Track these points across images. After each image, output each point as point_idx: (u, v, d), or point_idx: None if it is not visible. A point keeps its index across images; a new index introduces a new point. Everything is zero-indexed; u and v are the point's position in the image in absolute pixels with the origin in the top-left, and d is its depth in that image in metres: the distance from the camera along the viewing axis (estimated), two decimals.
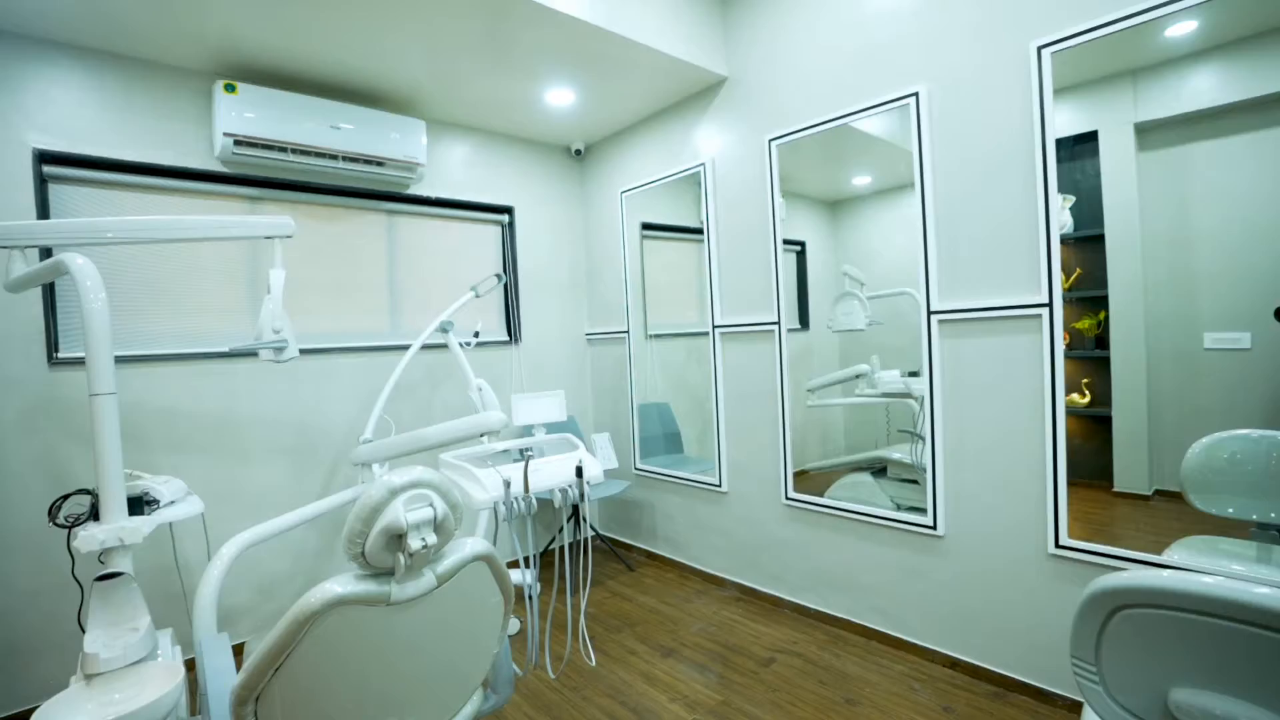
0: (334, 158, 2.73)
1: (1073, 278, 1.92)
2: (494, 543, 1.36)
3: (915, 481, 2.44)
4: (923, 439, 2.33)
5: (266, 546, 2.49)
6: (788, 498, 2.74)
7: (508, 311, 3.55)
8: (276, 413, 2.72)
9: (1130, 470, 1.88)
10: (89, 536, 1.39)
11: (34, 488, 2.21)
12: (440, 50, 2.53)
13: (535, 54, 2.59)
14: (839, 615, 2.58)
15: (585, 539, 3.47)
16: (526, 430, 2.74)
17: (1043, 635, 1.99)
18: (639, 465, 3.50)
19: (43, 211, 2.25)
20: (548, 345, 3.69)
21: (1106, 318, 1.89)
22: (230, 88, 2.48)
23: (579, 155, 3.80)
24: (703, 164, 3.02)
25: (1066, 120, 1.89)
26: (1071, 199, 1.92)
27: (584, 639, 1.91)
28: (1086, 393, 1.94)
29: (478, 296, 2.75)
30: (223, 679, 1.35)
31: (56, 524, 1.55)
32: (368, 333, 3.03)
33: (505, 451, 1.92)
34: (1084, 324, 1.93)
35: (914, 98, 2.20)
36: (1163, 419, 1.82)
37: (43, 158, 2.25)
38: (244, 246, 2.68)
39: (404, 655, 1.20)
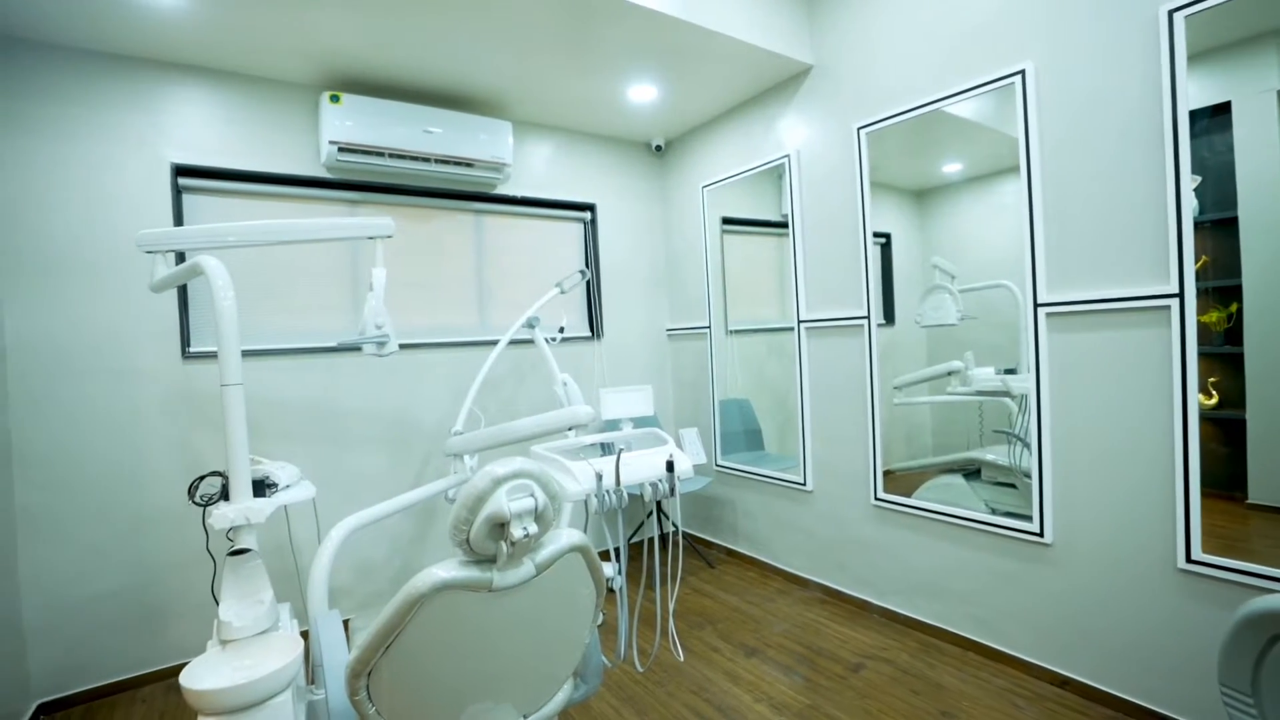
0: (426, 160, 2.85)
1: (1198, 266, 1.74)
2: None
3: (1013, 485, 2.30)
4: (1022, 440, 2.18)
5: (364, 531, 2.64)
6: (877, 498, 2.64)
7: (590, 307, 3.60)
8: (374, 404, 2.88)
9: (1267, 480, 1.68)
10: (221, 515, 1.52)
11: (171, 470, 2.44)
12: (526, 52, 2.59)
13: (618, 51, 2.61)
14: (931, 623, 2.47)
15: (678, 534, 3.48)
16: (610, 425, 2.77)
17: (1171, 657, 1.82)
18: (720, 461, 3.47)
19: (178, 219, 2.48)
20: (629, 341, 3.72)
21: (1239, 310, 1.69)
22: (335, 98, 2.64)
23: (659, 151, 3.80)
24: (787, 155, 2.94)
25: (1193, 92, 1.71)
26: (1198, 179, 1.74)
27: (673, 635, 1.91)
28: (1213, 393, 1.75)
29: (563, 293, 2.81)
30: (336, 652, 1.44)
31: (194, 502, 1.70)
32: (457, 328, 3.16)
33: (592, 445, 1.94)
34: (1211, 317, 1.74)
35: (1019, 76, 2.05)
36: None
37: (178, 171, 2.48)
38: (344, 247, 2.85)
39: (502, 641, 1.24)
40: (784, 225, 3.03)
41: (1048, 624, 2.10)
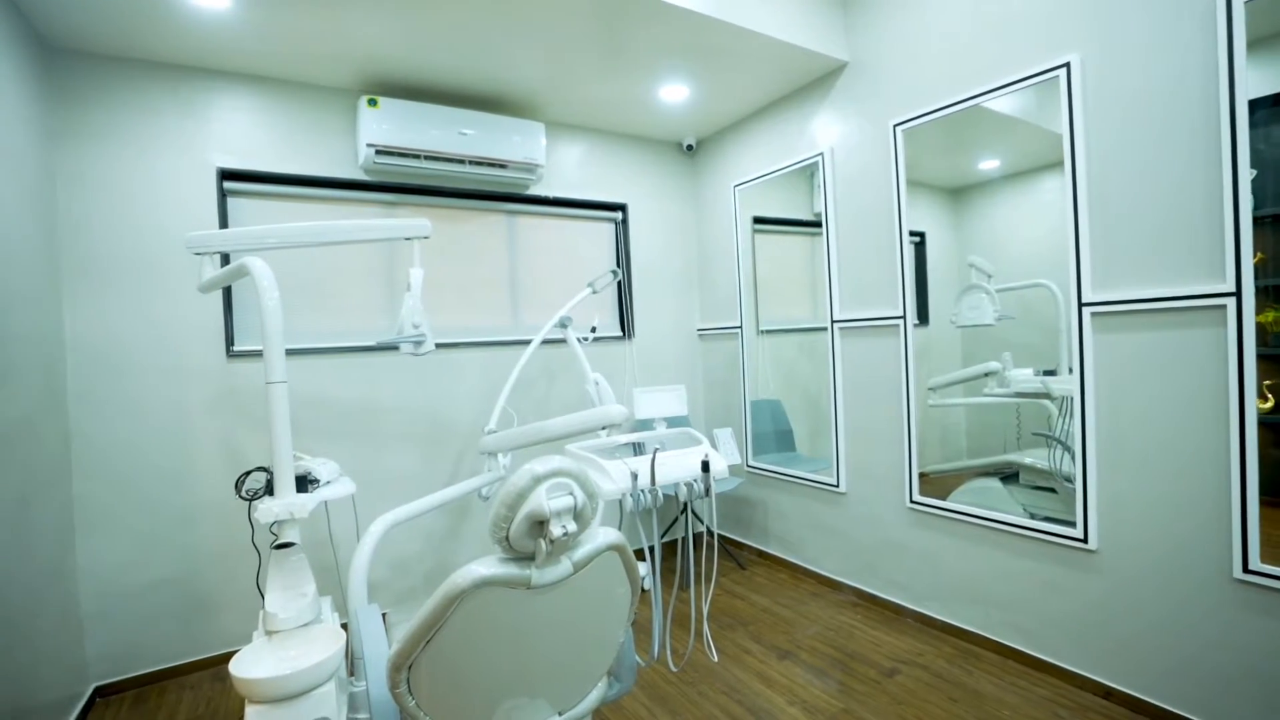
0: (461, 162, 2.89)
1: (1255, 263, 1.66)
2: None
3: (1052, 490, 2.23)
4: (1063, 444, 2.12)
5: (399, 528, 2.69)
6: (912, 501, 2.59)
7: (621, 307, 3.62)
8: (409, 403, 2.93)
9: None
10: (266, 509, 1.56)
11: (215, 464, 2.52)
12: (559, 54, 2.60)
13: (651, 51, 2.61)
14: (968, 628, 2.42)
15: (713, 535, 3.47)
16: (642, 425, 2.78)
17: (1225, 670, 1.75)
18: (751, 462, 3.45)
19: (223, 222, 2.56)
20: (660, 341, 3.72)
21: None
22: (372, 102, 2.69)
23: (690, 150, 3.79)
24: (820, 154, 2.91)
25: (1251, 80, 1.64)
26: (1253, 172, 1.67)
27: (707, 636, 1.90)
28: (1269, 396, 1.68)
29: (595, 293, 2.82)
30: (376, 645, 1.47)
31: (241, 496, 1.76)
32: (490, 328, 3.20)
33: (625, 445, 1.95)
34: (1267, 317, 1.67)
35: (1064, 69, 1.99)
36: None
37: (223, 174, 2.56)
38: (380, 248, 2.91)
39: (539, 638, 1.25)
40: (816, 224, 3.00)
41: (1091, 632, 2.04)
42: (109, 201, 2.36)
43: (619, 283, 3.57)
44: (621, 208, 3.59)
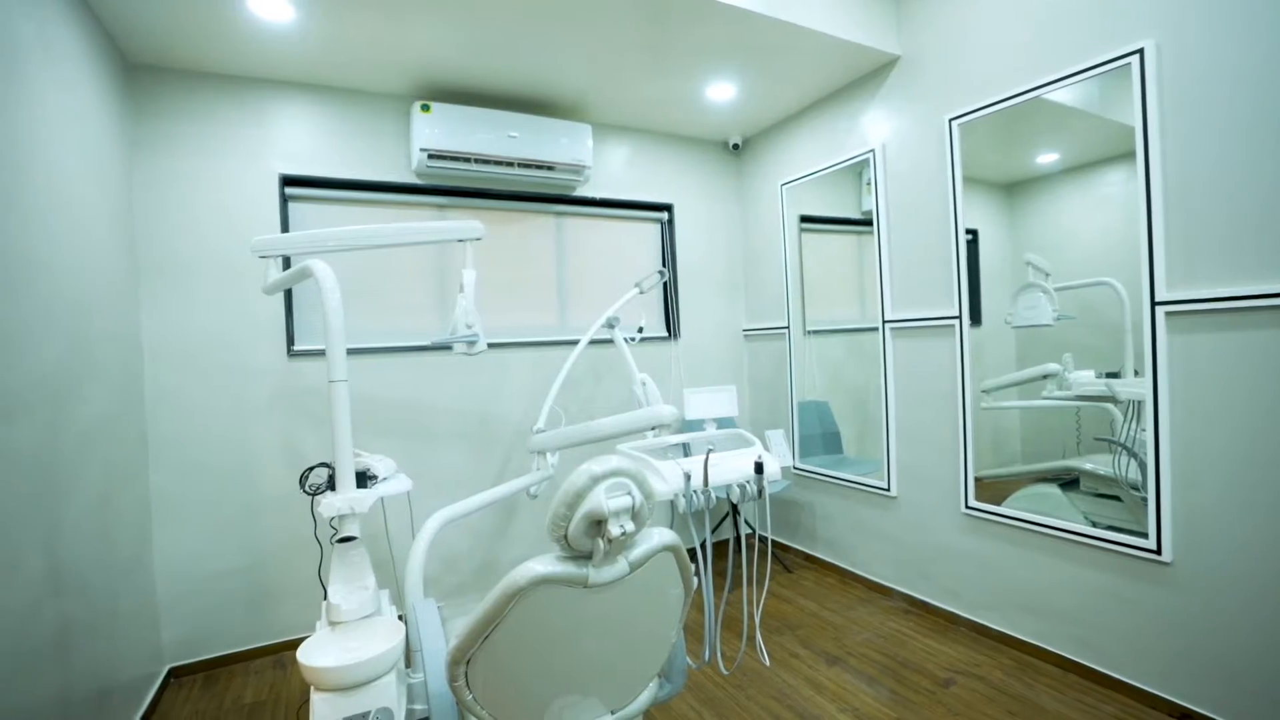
0: (509, 164, 2.94)
1: None
2: None
3: (1116, 498, 2.13)
4: (1129, 450, 2.03)
5: (449, 524, 2.75)
6: (968, 506, 2.51)
7: (666, 307, 3.61)
8: (459, 401, 2.99)
9: None
10: (329, 504, 1.62)
11: (277, 461, 2.63)
12: (607, 55, 2.62)
13: (699, 50, 2.60)
14: (1027, 640, 2.33)
15: (764, 539, 3.43)
16: (689, 426, 2.77)
17: None
18: (798, 465, 3.40)
19: (284, 226, 2.66)
20: (705, 341, 3.71)
21: None
22: (425, 107, 2.76)
23: (736, 150, 3.76)
24: (871, 150, 2.85)
25: None
26: None
27: (759, 640, 1.89)
28: None
29: (642, 293, 2.82)
30: (434, 639, 1.51)
31: (305, 491, 1.82)
32: (538, 328, 3.24)
33: (675, 446, 1.95)
34: None
35: (1137, 55, 1.90)
36: None
37: (285, 181, 2.67)
38: (430, 250, 2.98)
39: (593, 637, 1.26)
40: (864, 223, 2.93)
41: (1163, 649, 1.94)
42: (180, 207, 2.49)
43: (664, 283, 3.57)
44: (667, 208, 3.59)
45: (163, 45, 2.32)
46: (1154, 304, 1.90)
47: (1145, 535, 1.95)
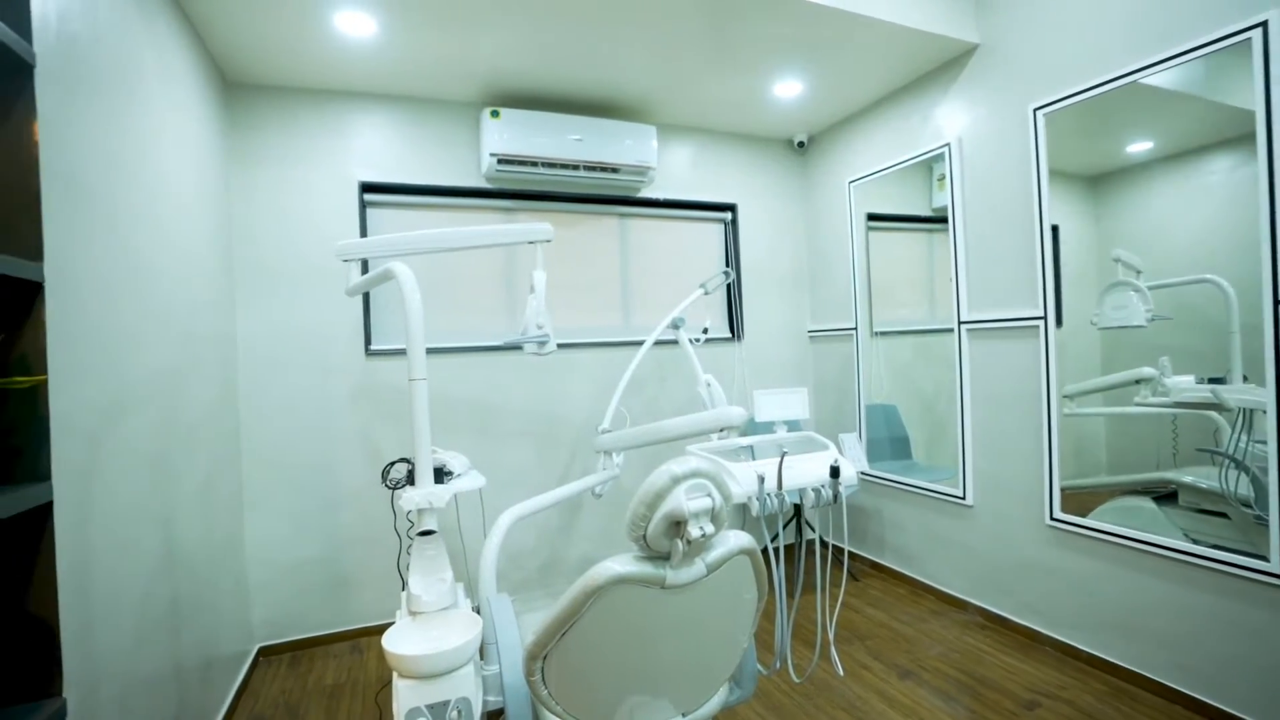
0: (575, 168, 2.98)
1: None
2: None
3: (1224, 515, 1.96)
4: (1238, 462, 1.86)
5: (519, 522, 2.81)
6: (1053, 518, 2.37)
7: (730, 308, 3.58)
8: (526, 401, 3.05)
9: None
10: (408, 498, 1.67)
11: (356, 455, 2.75)
12: (672, 56, 2.61)
13: (765, 47, 2.56)
14: (1121, 664, 2.18)
15: (841, 547, 3.34)
16: (755, 428, 2.73)
17: None
18: (866, 470, 3.30)
19: (363, 230, 2.79)
20: (769, 342, 3.66)
21: None
22: (494, 113, 2.83)
23: (801, 148, 3.69)
24: (946, 144, 2.74)
25: None
26: None
27: (833, 649, 1.84)
28: None
29: (707, 294, 2.81)
30: (508, 632, 1.54)
31: (386, 485, 1.90)
32: (603, 329, 3.27)
33: (746, 447, 1.92)
34: None
35: (1260, 29, 1.74)
36: None
37: (364, 187, 2.79)
38: (499, 252, 3.05)
39: (668, 638, 1.26)
40: (934, 220, 2.82)
41: None
42: (269, 215, 2.64)
43: (728, 284, 3.54)
44: (731, 208, 3.56)
45: (257, 64, 2.47)
46: (1277, 303, 1.74)
47: (1265, 558, 1.79)
